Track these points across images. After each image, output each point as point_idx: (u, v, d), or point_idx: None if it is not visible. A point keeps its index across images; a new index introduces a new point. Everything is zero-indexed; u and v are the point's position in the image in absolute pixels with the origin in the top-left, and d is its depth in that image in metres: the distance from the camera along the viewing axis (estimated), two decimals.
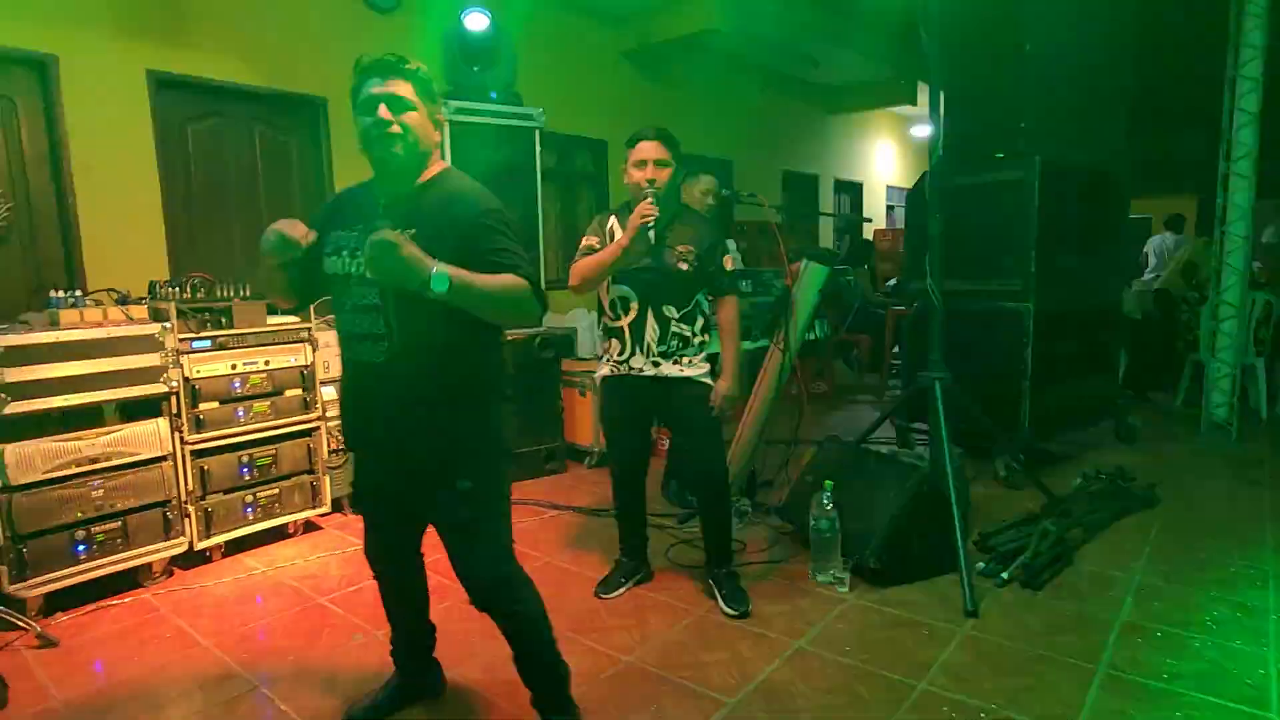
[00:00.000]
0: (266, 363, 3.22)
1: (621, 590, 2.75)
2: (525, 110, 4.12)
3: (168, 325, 2.91)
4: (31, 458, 2.57)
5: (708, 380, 2.54)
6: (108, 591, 2.78)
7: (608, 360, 2.59)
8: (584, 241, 2.50)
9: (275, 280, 1.71)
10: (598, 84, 6.30)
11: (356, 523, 2.67)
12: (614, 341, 2.55)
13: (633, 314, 2.48)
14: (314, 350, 3.39)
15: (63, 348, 2.64)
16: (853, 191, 10.30)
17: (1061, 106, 4.13)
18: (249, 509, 3.18)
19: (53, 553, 2.63)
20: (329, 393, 3.48)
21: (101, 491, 2.72)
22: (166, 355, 2.90)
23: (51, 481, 2.62)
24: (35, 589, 2.58)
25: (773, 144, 8.48)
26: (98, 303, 3.04)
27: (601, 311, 2.62)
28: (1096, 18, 4.31)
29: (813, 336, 3.73)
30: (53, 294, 2.91)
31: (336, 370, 2.26)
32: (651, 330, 2.46)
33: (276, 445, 3.26)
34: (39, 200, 3.61)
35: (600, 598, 2.72)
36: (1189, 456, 4.49)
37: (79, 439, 2.69)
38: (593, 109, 5.97)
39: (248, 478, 3.17)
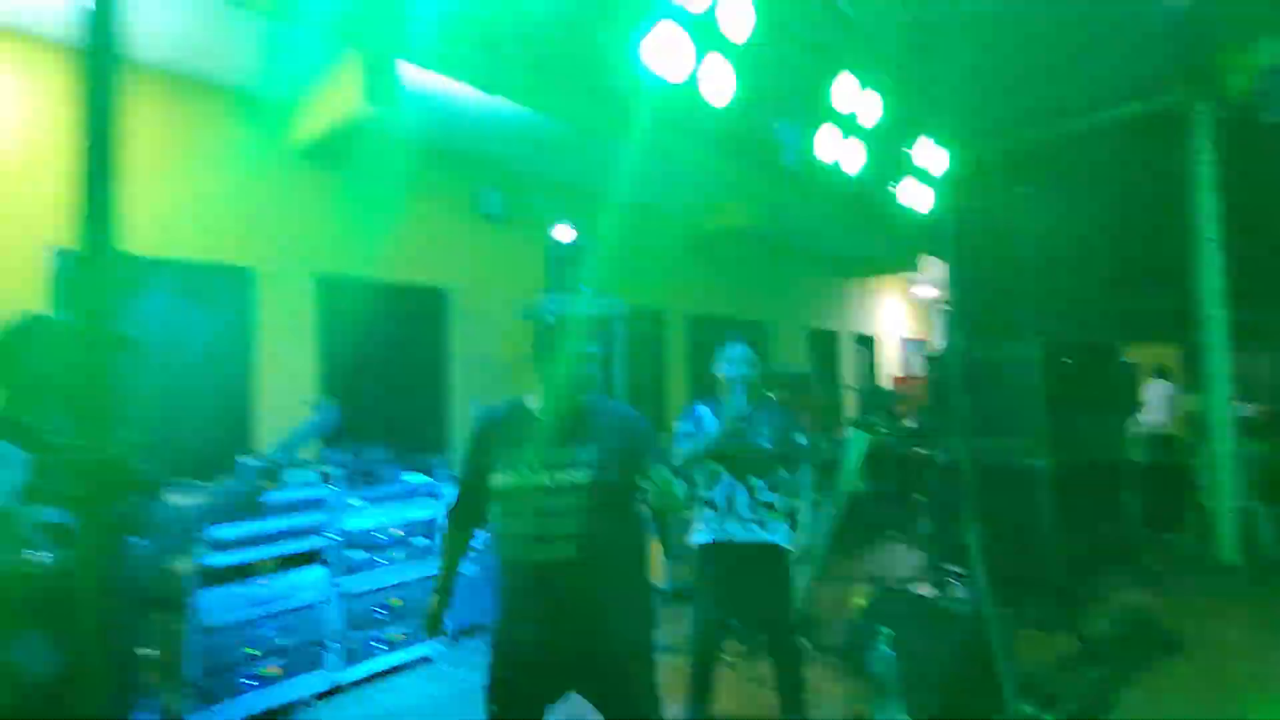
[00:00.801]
0: (402, 517, 3.59)
1: None
2: (612, 300, 4.71)
3: (334, 487, 3.33)
4: (221, 601, 2.91)
5: None
6: None
7: (701, 527, 2.90)
8: (681, 426, 2.92)
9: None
10: (657, 265, 7.06)
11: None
12: (707, 511, 2.88)
13: (724, 486, 2.83)
14: (439, 505, 3.76)
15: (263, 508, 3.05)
16: (868, 344, 10.85)
17: (1056, 288, 4.59)
18: (382, 646, 3.44)
19: (228, 687, 2.90)
20: None
21: (276, 628, 3.02)
22: (330, 512, 3.30)
23: (233, 623, 2.94)
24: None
25: (800, 307, 9.17)
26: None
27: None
28: (1078, 208, 4.87)
29: (858, 489, 4.03)
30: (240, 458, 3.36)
31: None
32: (742, 500, 2.85)
33: (407, 589, 3.56)
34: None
35: None
36: (1206, 599, 4.55)
37: (259, 585, 3.04)
38: (653, 285, 6.65)
39: (383, 618, 3.45)
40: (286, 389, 4.28)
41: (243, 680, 2.94)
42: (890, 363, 11.26)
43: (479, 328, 5.49)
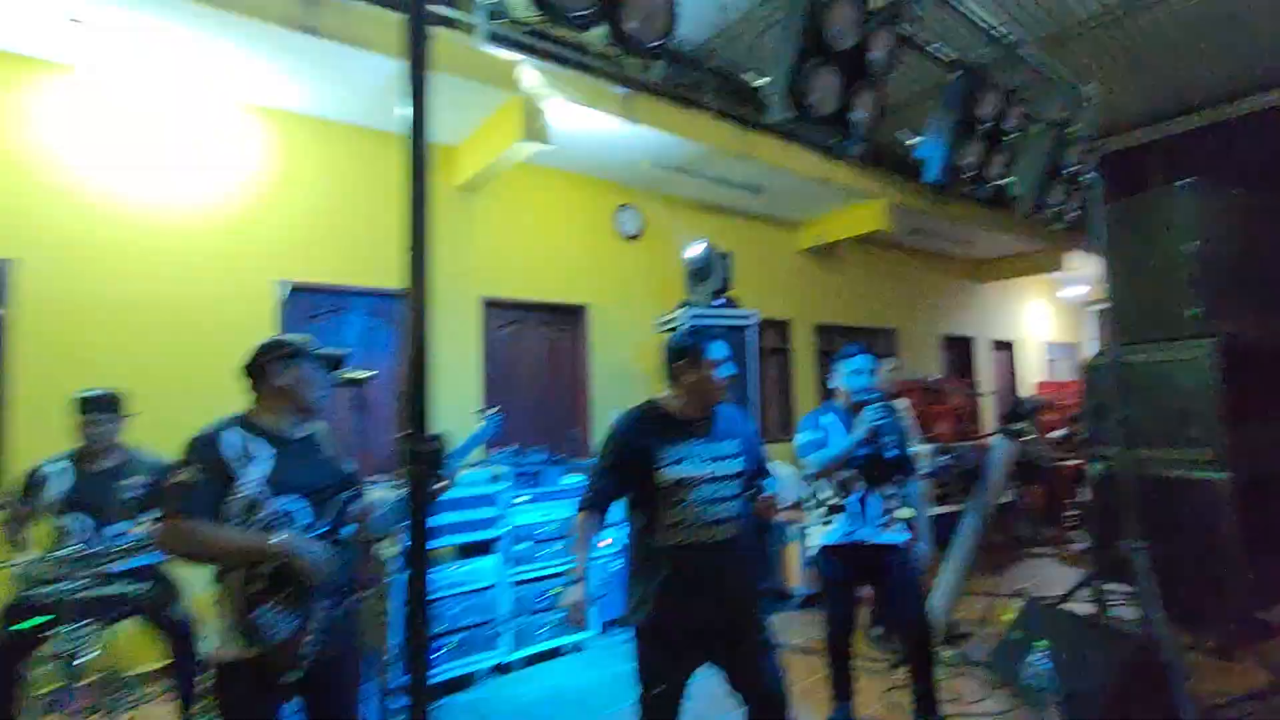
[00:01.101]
0: (562, 513, 3.90)
1: None
2: (744, 312, 4.84)
3: (506, 484, 3.69)
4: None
5: None
6: (441, 693, 3.36)
7: (832, 530, 2.93)
8: (802, 436, 2.99)
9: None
10: (782, 275, 7.09)
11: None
12: (840, 516, 2.93)
13: (859, 492, 2.90)
14: None
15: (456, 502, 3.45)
16: (1008, 349, 10.17)
17: (1229, 284, 4.12)
18: (542, 631, 3.75)
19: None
20: None
21: (459, 608, 3.40)
22: (500, 508, 3.65)
23: (430, 600, 3.33)
24: None
25: (931, 312, 8.79)
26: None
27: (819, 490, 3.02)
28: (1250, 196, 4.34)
29: (1005, 500, 3.87)
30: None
31: None
32: (877, 504, 2.91)
33: (565, 580, 3.86)
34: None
35: None
36: None
37: (444, 570, 3.43)
38: (779, 295, 6.68)
39: (544, 605, 3.76)
40: (456, 398, 4.77)
41: (432, 654, 3.33)
42: (1032, 369, 10.48)
43: (615, 340, 5.78)
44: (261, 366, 1.90)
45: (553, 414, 5.36)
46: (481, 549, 3.62)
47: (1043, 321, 11.04)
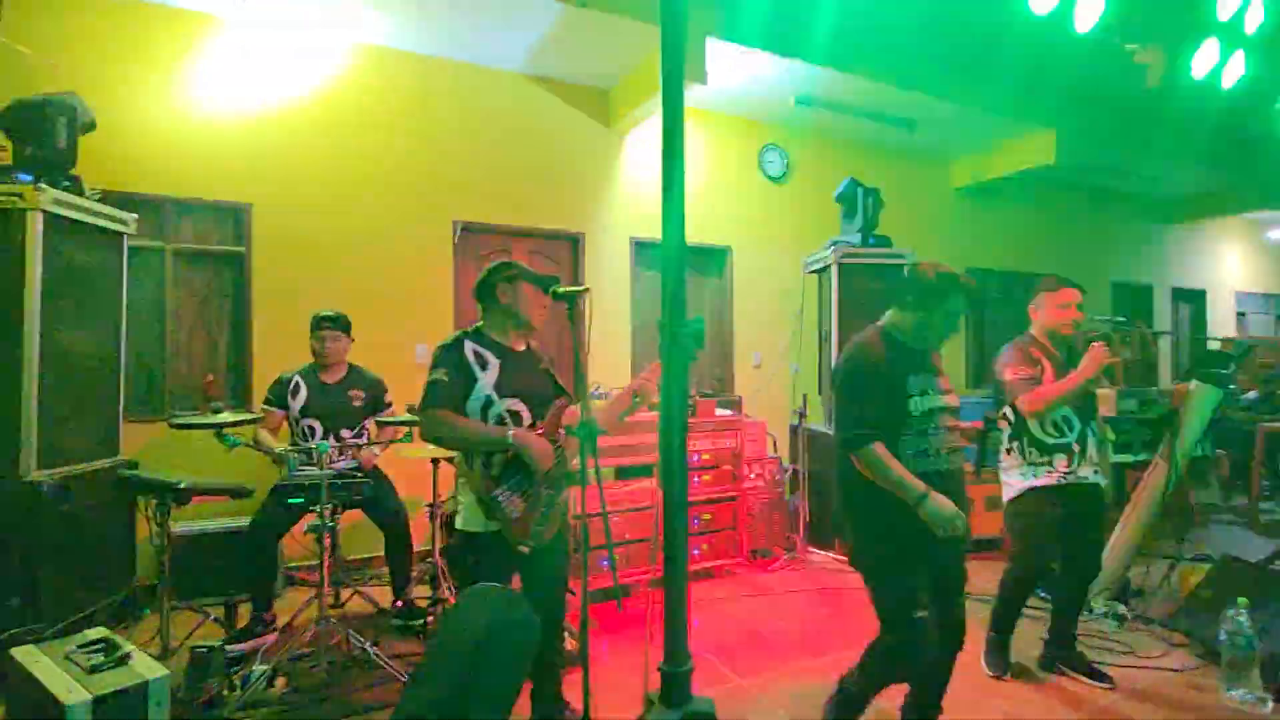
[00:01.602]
0: (712, 444, 4.03)
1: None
2: (898, 251, 4.63)
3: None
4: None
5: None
6: (611, 596, 3.65)
7: (1045, 471, 2.75)
8: (1022, 372, 2.74)
9: None
10: (933, 216, 6.68)
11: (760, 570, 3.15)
12: (1059, 456, 2.74)
13: (1077, 431, 2.72)
14: (740, 438, 4.13)
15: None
16: (1194, 300, 9.02)
17: None
18: (695, 551, 3.94)
19: (590, 563, 3.58)
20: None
21: (618, 524, 3.65)
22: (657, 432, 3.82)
23: (597, 515, 3.60)
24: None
25: (1101, 257, 7.95)
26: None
27: (1025, 431, 2.80)
28: None
29: (1199, 453, 3.52)
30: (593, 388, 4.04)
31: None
32: (1091, 444, 2.73)
33: (713, 506, 4.01)
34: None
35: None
36: None
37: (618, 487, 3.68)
38: (930, 237, 6.31)
39: (695, 528, 3.94)
40: (609, 339, 4.99)
41: (603, 562, 3.62)
42: (1219, 322, 9.25)
43: (758, 282, 5.75)
44: (490, 286, 2.11)
45: (699, 352, 5.47)
46: (640, 473, 3.83)
47: (1238, 269, 9.66)
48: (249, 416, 2.84)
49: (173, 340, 3.99)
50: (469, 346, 2.05)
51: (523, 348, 2.18)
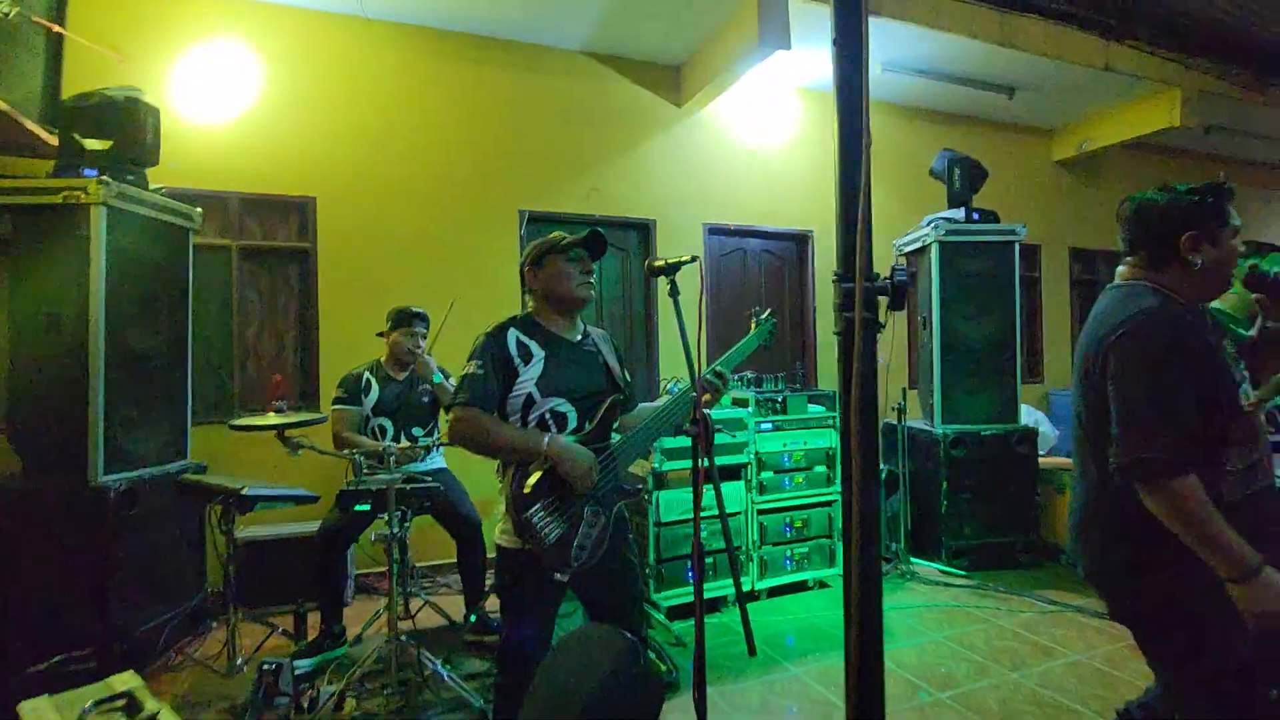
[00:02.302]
0: (804, 443, 3.63)
1: None
2: (1006, 227, 4.12)
3: (749, 410, 3.48)
4: (676, 503, 3.26)
5: None
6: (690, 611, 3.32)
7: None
8: None
9: None
10: (1032, 191, 6.08)
11: None
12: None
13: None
14: (838, 435, 3.72)
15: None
16: None
17: None
18: (788, 561, 3.56)
19: (675, 575, 3.26)
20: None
21: (706, 533, 3.30)
22: (747, 433, 3.46)
23: (678, 522, 3.27)
24: (667, 599, 3.22)
25: None
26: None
27: None
28: None
29: None
30: (665, 382, 3.70)
31: None
32: None
33: (808, 511, 3.62)
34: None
35: None
36: None
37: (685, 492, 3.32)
38: (1028, 214, 5.71)
39: (789, 536, 3.56)
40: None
41: (688, 574, 3.29)
42: None
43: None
44: (522, 275, 1.87)
45: (775, 345, 5.08)
46: (727, 475, 3.47)
47: None
48: (309, 417, 2.63)
49: (240, 339, 3.88)
50: (513, 336, 1.74)
51: (578, 336, 1.85)
